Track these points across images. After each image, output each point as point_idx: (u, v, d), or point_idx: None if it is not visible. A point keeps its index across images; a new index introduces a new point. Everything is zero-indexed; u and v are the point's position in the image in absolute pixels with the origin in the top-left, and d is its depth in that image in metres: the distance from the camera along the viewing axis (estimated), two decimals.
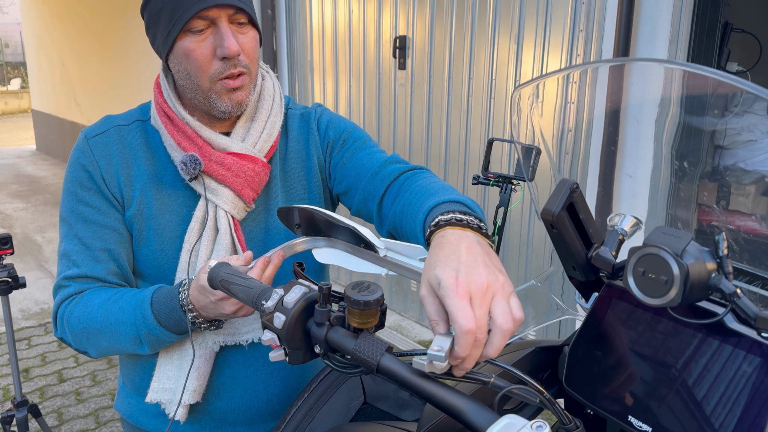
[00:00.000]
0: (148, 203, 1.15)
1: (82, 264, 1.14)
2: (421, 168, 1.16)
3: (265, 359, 1.22)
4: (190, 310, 1.04)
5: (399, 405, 1.07)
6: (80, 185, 1.15)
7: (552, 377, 0.98)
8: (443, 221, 0.83)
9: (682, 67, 0.75)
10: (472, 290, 0.68)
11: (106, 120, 1.19)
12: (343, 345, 0.72)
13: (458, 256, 0.72)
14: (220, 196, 1.13)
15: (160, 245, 1.16)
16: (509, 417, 0.61)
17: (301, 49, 4.44)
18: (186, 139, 1.12)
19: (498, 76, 3.23)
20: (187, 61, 1.07)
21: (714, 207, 0.87)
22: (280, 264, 1.03)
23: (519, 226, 3.26)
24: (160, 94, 1.17)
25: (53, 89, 10.34)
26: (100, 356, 1.17)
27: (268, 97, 1.21)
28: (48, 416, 3.24)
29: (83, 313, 1.11)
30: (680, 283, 0.67)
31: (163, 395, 1.16)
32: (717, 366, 0.72)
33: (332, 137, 1.25)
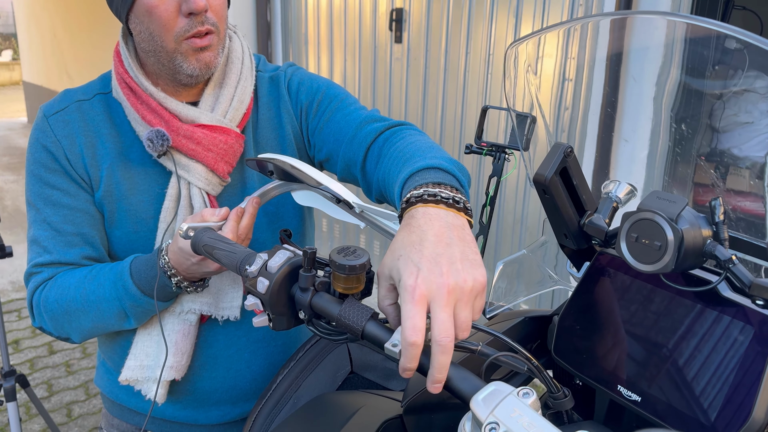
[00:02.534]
0: (116, 183, 1.08)
1: (53, 250, 1.08)
2: (399, 125, 1.07)
3: (248, 338, 1.18)
4: (174, 274, 1.00)
5: (386, 375, 1.06)
6: (44, 167, 1.07)
7: (541, 348, 0.97)
8: (414, 197, 0.75)
9: (685, 20, 0.72)
10: (432, 294, 0.63)
11: (65, 95, 1.11)
12: (327, 310, 0.71)
13: (422, 248, 0.66)
14: (192, 172, 1.07)
15: (134, 226, 1.10)
16: (496, 384, 0.60)
17: (295, 22, 4.37)
18: (151, 113, 1.05)
19: (496, 51, 3.19)
20: (149, 20, 0.98)
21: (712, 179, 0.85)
22: (255, 212, 0.99)
23: (513, 201, 3.24)
24: (120, 63, 1.08)
25: (44, 61, 10.20)
26: (83, 339, 1.11)
27: (237, 60, 1.12)
28: (38, 387, 3.24)
29: (60, 295, 1.06)
30: (674, 249, 0.65)
31: (140, 372, 1.10)
32: (709, 335, 0.70)
33: (305, 101, 1.16)
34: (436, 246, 0.66)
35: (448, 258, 0.65)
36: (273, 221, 1.17)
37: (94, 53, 8.17)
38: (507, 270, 1.06)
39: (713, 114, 0.90)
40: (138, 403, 1.20)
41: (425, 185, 0.78)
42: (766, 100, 2.54)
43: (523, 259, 1.06)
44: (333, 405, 0.90)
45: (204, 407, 1.20)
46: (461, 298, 0.64)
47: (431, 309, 0.63)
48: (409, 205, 0.75)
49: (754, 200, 0.86)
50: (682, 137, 0.88)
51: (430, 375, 0.63)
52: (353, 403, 0.89)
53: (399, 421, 0.84)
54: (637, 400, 0.74)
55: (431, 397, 0.83)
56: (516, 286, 1.07)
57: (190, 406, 1.19)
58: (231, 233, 0.95)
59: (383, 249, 4.08)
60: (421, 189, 0.76)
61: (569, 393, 0.72)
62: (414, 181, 0.81)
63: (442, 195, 0.74)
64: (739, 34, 0.62)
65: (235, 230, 0.96)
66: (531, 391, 0.58)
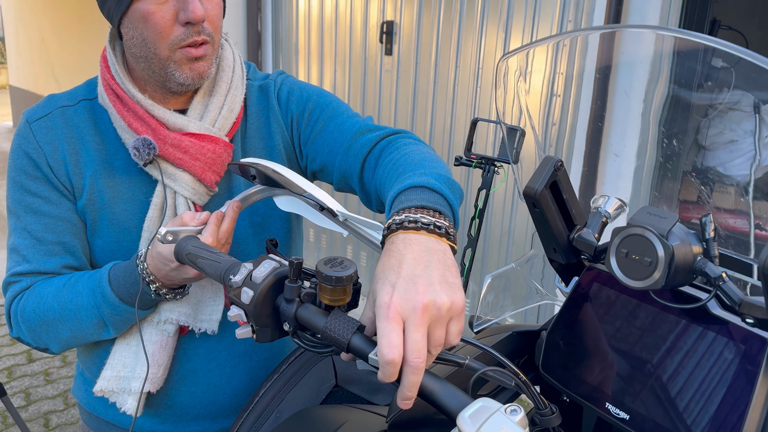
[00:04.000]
0: (100, 192, 1.06)
1: (33, 259, 1.05)
2: (394, 133, 1.05)
3: (229, 352, 1.16)
4: (152, 281, 0.98)
5: (371, 389, 1.04)
6: (25, 174, 1.05)
7: (529, 363, 0.96)
8: (395, 224, 0.74)
9: (674, 34, 0.72)
10: (405, 312, 0.62)
11: (49, 100, 1.09)
12: (312, 322, 0.69)
13: (399, 269, 0.65)
14: (179, 181, 1.04)
15: (116, 236, 1.08)
16: (483, 400, 0.59)
17: (286, 32, 4.37)
18: (137, 120, 1.03)
19: (485, 65, 3.21)
20: (144, 26, 0.96)
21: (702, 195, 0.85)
22: (236, 216, 0.97)
23: (501, 214, 3.24)
24: (107, 69, 1.05)
25: (31, 65, 10.12)
26: (62, 350, 1.08)
27: (228, 68, 1.10)
28: (15, 396, 3.18)
29: (38, 304, 1.03)
30: (665, 266, 0.64)
31: (116, 384, 1.07)
32: (698, 353, 0.70)
33: (296, 111, 1.14)
34: (415, 268, 0.66)
35: (426, 279, 0.65)
36: (259, 232, 1.15)
37: (82, 58, 8.12)
38: (495, 284, 1.05)
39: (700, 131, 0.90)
40: (115, 416, 1.18)
41: (407, 209, 0.76)
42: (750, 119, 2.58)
43: (510, 273, 1.05)
44: (317, 419, 0.88)
45: (182, 422, 1.17)
46: (436, 318, 0.63)
47: (405, 328, 0.62)
48: (390, 232, 0.74)
49: (739, 217, 0.86)
50: (670, 153, 0.88)
51: (400, 391, 0.62)
52: (337, 417, 0.88)
53: None
54: (625, 418, 0.73)
55: (417, 412, 0.82)
56: (502, 300, 1.06)
57: (168, 420, 1.16)
58: (211, 237, 0.94)
59: (371, 260, 4.06)
60: (403, 214, 0.75)
61: (556, 410, 0.71)
62: (399, 203, 0.80)
63: (422, 221, 0.73)
64: (725, 47, 0.62)
65: (215, 234, 0.94)
66: (518, 408, 0.57)
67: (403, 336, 0.61)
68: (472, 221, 1.31)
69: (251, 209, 1.13)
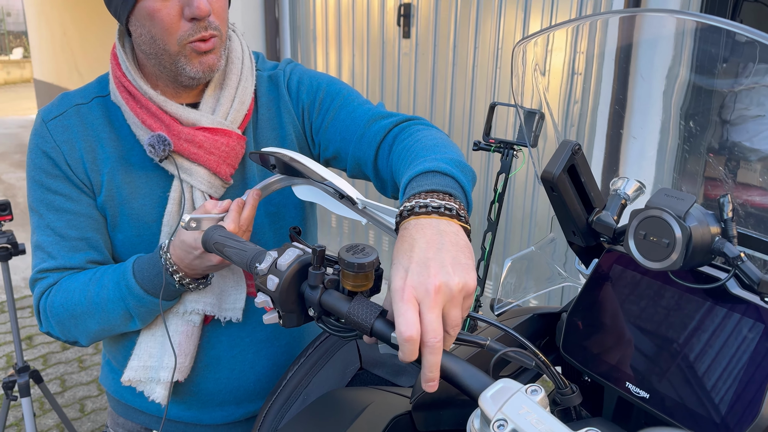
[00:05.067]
0: (118, 187, 1.08)
1: (58, 255, 1.07)
2: (407, 120, 1.06)
3: (251, 338, 1.18)
4: (176, 271, 1.00)
5: (395, 371, 1.06)
6: (45, 173, 1.07)
7: (550, 345, 0.97)
8: (406, 210, 0.75)
9: (694, 18, 0.72)
10: (419, 293, 0.64)
11: (63, 99, 1.10)
12: (336, 308, 0.71)
13: (411, 254, 0.67)
14: (195, 175, 1.06)
15: (137, 230, 1.10)
16: (504, 381, 0.60)
17: (303, 18, 4.37)
18: (151, 117, 1.04)
19: (504, 46, 3.18)
20: (151, 24, 0.97)
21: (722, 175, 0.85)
22: (256, 204, 0.99)
23: (522, 198, 3.23)
24: (117, 66, 1.07)
25: (54, 58, 10.25)
26: (90, 342, 1.11)
27: (237, 60, 1.11)
28: (51, 383, 3.28)
29: (65, 299, 1.06)
30: (682, 247, 0.65)
31: (143, 373, 1.10)
32: (718, 332, 0.70)
33: (306, 100, 1.15)
34: (426, 251, 0.67)
35: (438, 262, 0.66)
36: (275, 221, 1.17)
37: (103, 50, 8.21)
38: (515, 266, 1.06)
39: (725, 106, 0.90)
40: (143, 403, 1.21)
41: (418, 195, 0.78)
42: None
43: (532, 255, 1.06)
44: (342, 401, 0.91)
45: (208, 408, 1.20)
46: (450, 298, 0.65)
47: (420, 310, 0.63)
48: (402, 219, 0.75)
49: (764, 195, 0.86)
50: (691, 134, 0.88)
51: (422, 374, 0.64)
52: (362, 399, 0.90)
53: (408, 418, 0.85)
54: (646, 397, 0.74)
55: (440, 393, 0.84)
56: (525, 282, 1.07)
57: (194, 406, 1.20)
58: (233, 223, 0.96)
59: (392, 246, 4.08)
60: (413, 200, 0.76)
61: (577, 389, 0.72)
62: (411, 189, 0.81)
63: (432, 205, 0.74)
64: (748, 32, 0.61)
65: (237, 221, 0.96)
66: (539, 388, 0.59)
67: (419, 317, 0.63)
68: (492, 205, 1.32)
69: (266, 199, 1.14)
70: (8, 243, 2.21)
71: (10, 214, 2.23)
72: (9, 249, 2.21)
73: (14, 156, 8.82)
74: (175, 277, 1.01)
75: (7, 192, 6.96)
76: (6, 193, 6.88)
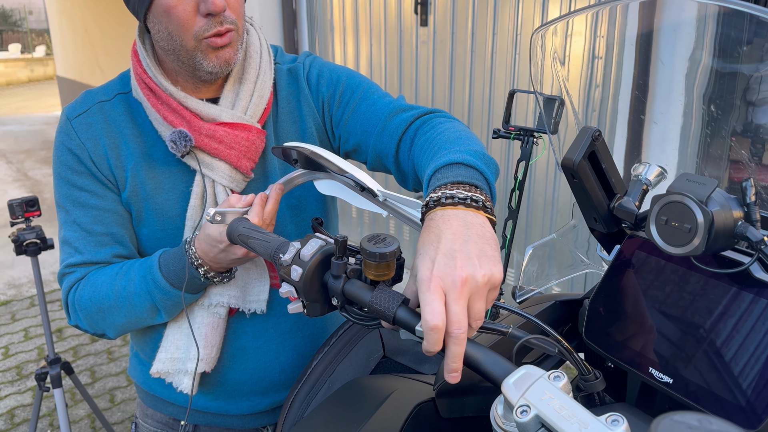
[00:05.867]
0: (142, 183, 1.10)
1: (85, 250, 1.10)
2: (429, 113, 1.06)
3: (276, 330, 1.20)
4: (200, 264, 1.02)
5: (418, 359, 1.07)
6: (70, 170, 1.09)
7: (572, 331, 0.97)
8: (432, 201, 0.76)
9: (716, 2, 0.71)
10: (446, 284, 0.64)
11: (86, 96, 1.12)
12: (359, 297, 0.72)
13: (438, 245, 0.68)
14: (216, 170, 1.08)
15: (161, 224, 1.12)
16: (527, 367, 0.61)
17: (320, 9, 4.37)
18: (172, 113, 1.05)
19: (523, 31, 3.15)
20: (167, 20, 0.98)
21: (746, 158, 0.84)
22: (279, 198, 1.00)
23: (544, 184, 3.21)
24: (138, 63, 1.08)
25: (76, 55, 10.38)
26: (118, 335, 1.14)
27: (255, 54, 1.12)
28: (81, 374, 3.35)
29: (93, 293, 1.08)
30: (704, 231, 0.65)
31: (171, 365, 1.13)
32: (741, 316, 0.70)
33: (326, 93, 1.15)
34: (453, 243, 0.68)
35: (465, 253, 0.66)
36: (296, 214, 1.18)
37: (124, 46, 8.29)
38: (537, 254, 1.06)
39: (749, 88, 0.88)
40: (170, 394, 1.23)
41: (443, 186, 0.78)
42: None
43: (554, 242, 1.06)
44: (367, 389, 0.92)
45: (235, 398, 1.22)
46: (475, 291, 0.65)
47: (446, 301, 0.64)
48: (428, 209, 0.76)
49: None
50: (713, 117, 0.87)
51: (445, 364, 0.64)
52: (386, 386, 0.91)
53: (431, 404, 0.86)
54: (669, 382, 0.74)
55: (462, 380, 0.84)
56: (548, 269, 1.07)
57: (221, 397, 1.22)
58: (257, 217, 0.97)
59: (413, 236, 4.08)
60: (439, 191, 0.77)
61: (600, 375, 0.72)
62: (436, 180, 0.82)
63: (458, 196, 0.75)
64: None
65: (261, 214, 0.98)
66: (562, 374, 0.59)
67: (444, 307, 0.64)
68: (512, 193, 1.32)
69: (287, 192, 1.16)
70: (37, 238, 2.26)
71: (39, 210, 2.28)
72: (38, 244, 2.26)
73: (40, 152, 8.97)
74: (200, 270, 1.03)
75: (34, 188, 7.09)
76: (33, 189, 7.02)
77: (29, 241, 2.24)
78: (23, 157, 8.70)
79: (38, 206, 2.27)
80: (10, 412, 3.06)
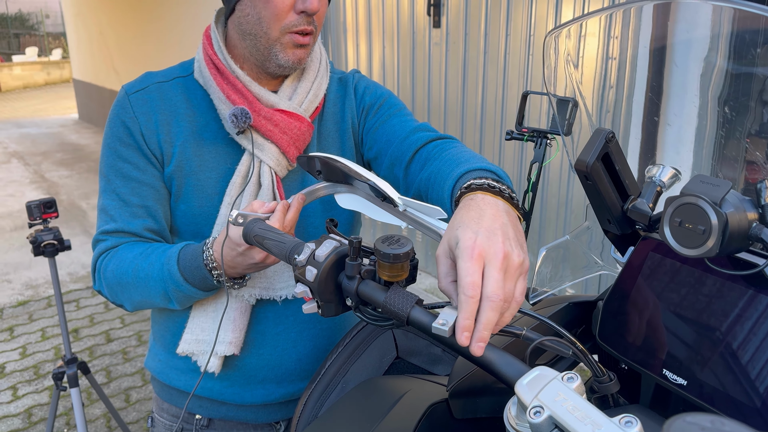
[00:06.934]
0: (188, 159, 1.15)
1: (119, 219, 1.15)
2: (450, 137, 1.15)
3: (296, 317, 1.23)
4: (214, 267, 1.05)
5: (431, 360, 1.08)
6: (120, 141, 1.15)
7: (586, 333, 0.97)
8: (475, 185, 0.82)
9: (730, 5, 0.71)
10: (488, 256, 0.67)
11: (146, 76, 1.19)
12: (373, 297, 0.73)
13: (480, 221, 0.72)
14: (266, 151, 1.14)
15: (199, 201, 1.17)
16: (540, 369, 0.61)
17: (334, 11, 4.39)
18: (236, 92, 1.12)
19: (536, 32, 3.14)
20: (264, 6, 1.06)
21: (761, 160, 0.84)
22: (299, 207, 1.04)
23: (557, 186, 3.20)
24: (210, 45, 1.16)
25: (92, 58, 10.50)
26: (135, 310, 1.19)
27: (316, 59, 1.21)
28: (97, 374, 3.39)
29: (117, 267, 1.13)
30: (718, 233, 0.65)
31: (196, 346, 1.18)
32: (756, 319, 0.70)
33: (368, 102, 1.25)
34: (493, 222, 0.72)
35: (504, 233, 0.70)
36: (327, 209, 1.24)
37: (139, 49, 8.38)
38: (550, 255, 1.06)
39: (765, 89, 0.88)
40: (187, 382, 1.26)
41: (486, 179, 0.85)
42: None
43: (567, 244, 1.06)
44: (380, 389, 0.92)
45: (250, 385, 1.24)
46: (510, 269, 0.68)
47: (486, 269, 0.67)
48: (469, 191, 0.82)
49: None
50: (729, 119, 0.87)
51: (475, 332, 0.65)
52: (400, 387, 0.92)
53: (445, 405, 0.86)
54: (683, 384, 0.74)
55: (476, 381, 0.85)
56: (561, 270, 1.07)
57: (237, 383, 1.24)
58: (278, 223, 1.00)
59: (426, 238, 4.08)
60: (482, 180, 0.83)
61: (614, 377, 0.72)
62: (472, 175, 0.89)
63: (501, 188, 0.81)
64: None
65: (282, 221, 1.01)
66: (575, 375, 0.59)
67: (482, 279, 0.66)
68: (526, 195, 1.32)
69: None
70: (54, 239, 2.29)
71: (56, 212, 2.31)
72: (56, 245, 2.29)
73: (56, 155, 9.08)
74: (213, 273, 1.06)
75: (50, 190, 7.17)
76: (50, 191, 7.10)
77: (47, 242, 2.27)
78: (40, 159, 8.81)
79: (56, 208, 2.30)
80: (28, 411, 3.10)
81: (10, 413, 3.09)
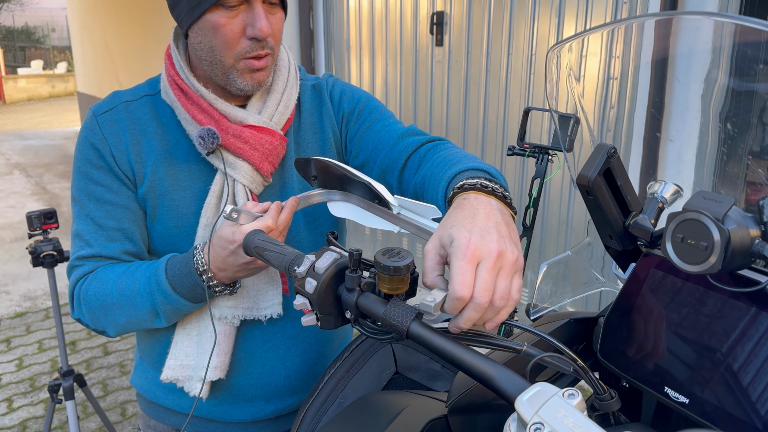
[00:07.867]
0: (160, 179, 1.13)
1: (95, 244, 1.12)
2: (440, 139, 1.14)
3: (283, 335, 1.21)
4: (205, 271, 1.03)
5: (430, 376, 1.07)
6: (90, 164, 1.12)
7: (587, 350, 0.96)
8: (468, 185, 0.83)
9: (733, 21, 0.71)
10: (482, 255, 0.68)
11: (113, 96, 1.16)
12: (373, 310, 0.72)
13: (474, 220, 0.73)
14: (239, 170, 1.10)
15: (175, 221, 1.14)
16: (541, 385, 0.60)
17: (337, 28, 4.42)
18: (201, 112, 1.09)
19: (538, 51, 3.16)
20: (213, 36, 1.03)
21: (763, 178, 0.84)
22: (293, 210, 1.03)
23: (558, 202, 3.20)
24: (171, 65, 1.13)
25: (97, 71, 10.57)
26: (118, 334, 1.15)
27: (284, 68, 1.17)
28: (94, 387, 3.36)
29: (98, 289, 1.10)
30: (721, 250, 0.64)
31: (180, 372, 1.14)
32: (758, 337, 0.69)
33: (347, 109, 1.22)
34: (487, 221, 0.73)
35: (497, 232, 0.71)
36: (310, 222, 1.22)
37: (143, 63, 8.43)
38: (551, 271, 1.06)
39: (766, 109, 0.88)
40: (175, 401, 1.24)
41: (478, 178, 0.85)
42: None
43: (568, 260, 1.05)
44: (378, 404, 0.91)
45: (239, 403, 1.22)
46: (505, 267, 0.69)
47: (478, 269, 0.67)
48: (462, 190, 0.82)
49: None
50: (731, 136, 0.87)
51: (453, 320, 0.68)
52: (398, 402, 0.91)
53: (444, 421, 0.85)
54: (685, 402, 0.73)
55: (476, 397, 0.84)
56: (562, 287, 1.06)
57: (226, 402, 1.22)
58: (271, 219, 0.99)
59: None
60: (475, 180, 0.84)
61: (615, 394, 0.72)
62: (465, 175, 0.89)
63: (494, 188, 0.82)
64: None
65: (275, 218, 1.00)
66: (576, 392, 0.58)
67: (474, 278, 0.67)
68: (527, 210, 1.32)
69: None
70: (54, 250, 2.29)
71: (56, 222, 2.31)
72: (55, 256, 2.29)
73: (59, 167, 9.10)
74: (203, 277, 1.04)
75: (52, 201, 7.18)
76: (51, 203, 7.11)
77: (46, 252, 2.27)
78: (42, 171, 8.83)
79: (56, 219, 2.30)
80: (23, 424, 3.08)
81: (5, 426, 3.06)
